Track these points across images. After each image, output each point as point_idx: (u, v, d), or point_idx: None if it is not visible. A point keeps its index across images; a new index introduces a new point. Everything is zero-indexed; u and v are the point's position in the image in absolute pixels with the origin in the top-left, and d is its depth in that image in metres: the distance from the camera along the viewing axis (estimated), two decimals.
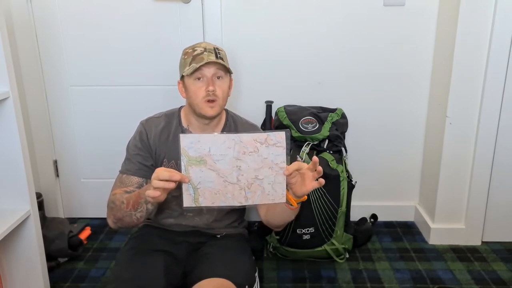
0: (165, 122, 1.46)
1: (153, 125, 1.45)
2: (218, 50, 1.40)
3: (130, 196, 1.28)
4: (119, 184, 1.40)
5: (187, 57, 1.37)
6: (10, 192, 1.46)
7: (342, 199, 1.84)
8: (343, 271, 1.83)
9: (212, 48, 1.38)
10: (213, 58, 1.34)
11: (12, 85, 1.38)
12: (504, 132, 1.89)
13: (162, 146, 1.43)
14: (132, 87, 2.10)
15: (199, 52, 1.36)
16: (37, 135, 2.14)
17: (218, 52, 1.38)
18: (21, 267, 1.54)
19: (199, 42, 1.43)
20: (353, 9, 1.98)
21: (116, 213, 1.30)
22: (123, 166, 1.43)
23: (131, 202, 1.26)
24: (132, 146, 1.43)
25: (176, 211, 1.46)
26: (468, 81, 1.85)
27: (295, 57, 2.04)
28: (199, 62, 1.33)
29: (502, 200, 1.99)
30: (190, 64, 1.35)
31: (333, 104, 2.06)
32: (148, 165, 1.42)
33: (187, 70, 1.34)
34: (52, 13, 2.00)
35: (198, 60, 1.34)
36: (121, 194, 1.33)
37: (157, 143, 1.43)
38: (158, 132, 1.44)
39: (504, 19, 1.75)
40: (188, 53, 1.38)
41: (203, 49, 1.36)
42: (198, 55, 1.35)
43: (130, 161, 1.42)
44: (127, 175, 1.40)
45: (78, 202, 2.27)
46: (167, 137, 1.44)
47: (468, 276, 1.80)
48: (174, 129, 1.45)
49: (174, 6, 1.99)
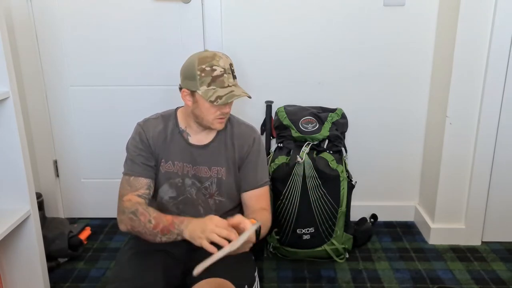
0: (162, 123, 1.45)
1: (151, 126, 1.44)
2: (231, 67, 1.37)
3: (160, 218, 1.28)
4: (129, 187, 1.38)
5: (204, 75, 1.32)
6: (10, 192, 1.46)
7: (342, 199, 1.84)
8: (343, 271, 1.83)
9: (229, 66, 1.35)
10: (231, 80, 1.34)
11: (12, 85, 1.38)
12: (504, 132, 1.90)
13: (160, 147, 1.42)
14: (132, 87, 2.10)
15: (219, 74, 1.32)
16: (37, 135, 2.14)
17: (233, 70, 1.37)
18: (21, 267, 1.54)
19: (213, 56, 1.35)
20: (353, 9, 1.98)
21: (138, 227, 1.29)
22: (127, 167, 1.41)
23: (160, 226, 1.27)
24: (133, 147, 1.42)
25: (173, 212, 1.45)
26: (468, 81, 1.85)
27: (295, 57, 2.04)
28: (220, 86, 1.32)
29: (502, 200, 1.99)
30: (208, 85, 1.32)
31: (333, 104, 2.06)
32: (151, 165, 1.41)
33: (208, 94, 1.31)
34: (52, 13, 2.00)
35: (219, 83, 1.32)
36: (144, 206, 1.32)
37: (155, 143, 1.42)
38: (156, 133, 1.43)
39: (504, 19, 1.75)
40: (205, 70, 1.32)
41: (223, 70, 1.33)
42: (218, 77, 1.32)
43: (133, 162, 1.40)
44: (135, 177, 1.38)
45: (78, 202, 2.27)
46: (165, 138, 1.43)
47: (468, 276, 1.80)
48: (171, 130, 1.44)
49: (174, 6, 1.99)
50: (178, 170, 1.43)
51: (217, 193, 1.45)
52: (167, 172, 1.43)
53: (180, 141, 1.43)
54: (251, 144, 1.46)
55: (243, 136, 1.47)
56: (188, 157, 1.43)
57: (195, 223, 1.23)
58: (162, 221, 1.27)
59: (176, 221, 1.26)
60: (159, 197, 1.45)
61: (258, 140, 1.48)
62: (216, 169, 1.44)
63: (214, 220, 1.20)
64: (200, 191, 1.44)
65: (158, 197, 1.46)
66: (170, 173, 1.43)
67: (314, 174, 1.79)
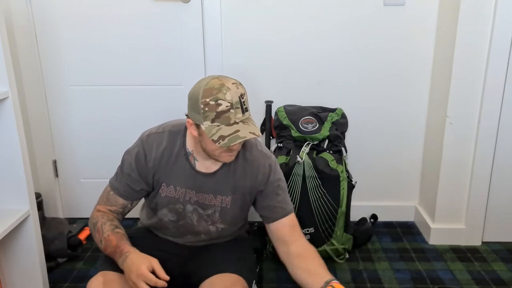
0: (168, 140, 1.31)
1: (155, 143, 1.31)
2: (242, 98, 1.18)
3: (109, 242, 1.25)
4: (106, 200, 1.35)
5: (208, 110, 1.15)
6: (9, 192, 1.46)
7: (342, 199, 1.83)
8: (343, 271, 1.83)
9: (238, 99, 1.16)
10: (240, 116, 1.17)
11: (11, 85, 1.38)
12: (504, 132, 1.89)
13: (162, 170, 1.31)
14: (132, 87, 2.10)
15: (225, 110, 1.15)
16: (36, 135, 2.14)
17: (243, 102, 1.18)
18: (21, 267, 1.54)
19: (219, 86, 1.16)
20: (353, 9, 1.98)
21: (94, 237, 1.31)
22: (113, 178, 1.36)
23: (108, 250, 1.26)
24: (127, 162, 1.32)
25: (174, 233, 1.41)
26: (468, 81, 1.84)
27: (295, 57, 2.04)
28: (224, 123, 1.15)
29: (502, 200, 1.99)
30: (212, 121, 1.16)
31: (333, 104, 2.05)
32: (136, 190, 1.33)
33: (213, 135, 1.15)
34: (51, 13, 2.00)
35: (224, 120, 1.15)
36: (102, 222, 1.29)
37: (156, 166, 1.31)
38: (159, 154, 1.30)
39: (504, 20, 1.74)
40: (209, 105, 1.15)
41: (229, 105, 1.15)
42: (223, 112, 1.15)
43: (120, 179, 1.33)
44: (114, 194, 1.34)
45: (78, 202, 2.27)
46: (168, 159, 1.31)
47: (468, 276, 1.80)
48: (177, 151, 1.31)
49: (173, 6, 1.99)
50: (180, 196, 1.33)
51: (220, 221, 1.37)
52: (167, 197, 1.33)
53: (185, 165, 1.31)
54: (267, 172, 1.33)
55: (256, 163, 1.33)
56: (192, 183, 1.32)
57: (129, 263, 1.19)
58: (109, 246, 1.25)
59: (117, 251, 1.23)
60: (159, 217, 1.38)
61: (274, 167, 1.35)
62: (221, 198, 1.34)
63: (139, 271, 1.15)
64: (202, 218, 1.36)
65: (158, 217, 1.39)
66: (170, 198, 1.33)
67: (314, 174, 1.79)
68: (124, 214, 1.38)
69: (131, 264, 1.17)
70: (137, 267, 1.15)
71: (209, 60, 2.04)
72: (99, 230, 1.28)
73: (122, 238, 1.26)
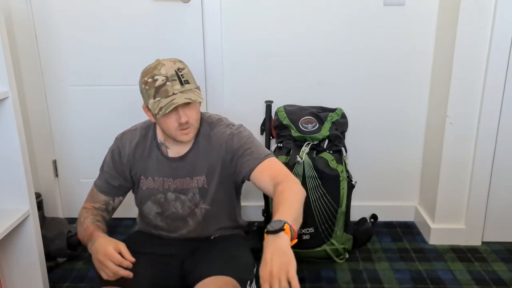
0: (140, 135, 1.39)
1: (128, 140, 1.39)
2: (180, 71, 1.24)
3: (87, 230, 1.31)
4: (90, 198, 1.44)
5: (148, 87, 1.24)
6: (9, 192, 1.46)
7: (342, 199, 1.84)
8: (343, 271, 1.83)
9: (174, 72, 1.23)
10: (178, 87, 1.22)
11: (11, 85, 1.38)
12: (504, 132, 1.89)
13: (138, 163, 1.38)
14: (132, 87, 2.09)
15: (161, 83, 1.22)
16: (36, 135, 2.14)
17: (182, 75, 1.24)
18: (21, 267, 1.54)
19: (156, 65, 1.26)
20: (353, 9, 1.98)
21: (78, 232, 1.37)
22: (97, 178, 1.45)
23: (84, 238, 1.32)
24: (105, 162, 1.43)
25: (163, 227, 1.43)
26: (468, 81, 1.84)
27: (295, 57, 2.04)
28: (163, 96, 1.21)
29: (502, 200, 1.99)
30: (154, 97, 1.22)
31: (333, 104, 2.05)
32: (115, 185, 1.41)
33: (153, 107, 1.22)
34: (51, 13, 2.00)
35: (162, 93, 1.21)
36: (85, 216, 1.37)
37: (131, 161, 1.38)
38: (132, 148, 1.38)
39: (504, 19, 1.74)
40: (148, 83, 1.24)
41: (165, 78, 1.22)
42: (161, 86, 1.22)
43: (100, 177, 1.43)
44: (96, 191, 1.43)
45: (77, 202, 2.24)
46: (142, 152, 1.38)
47: (468, 276, 1.80)
48: (149, 143, 1.38)
49: (173, 6, 1.99)
50: (159, 185, 1.38)
51: (202, 202, 1.39)
52: (148, 189, 1.39)
53: (158, 155, 1.37)
54: (231, 138, 1.33)
55: (220, 135, 1.35)
56: (167, 171, 1.36)
57: (96, 245, 1.22)
58: (86, 235, 1.31)
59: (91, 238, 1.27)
60: (145, 213, 1.43)
61: (236, 131, 1.35)
62: (196, 178, 1.36)
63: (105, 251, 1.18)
64: (185, 204, 1.39)
65: (144, 214, 1.44)
66: (151, 189, 1.39)
67: (314, 174, 1.79)
68: (109, 211, 1.44)
69: (98, 246, 1.21)
70: (104, 248, 1.19)
71: (209, 60, 2.04)
72: (82, 223, 1.35)
73: (99, 228, 1.32)
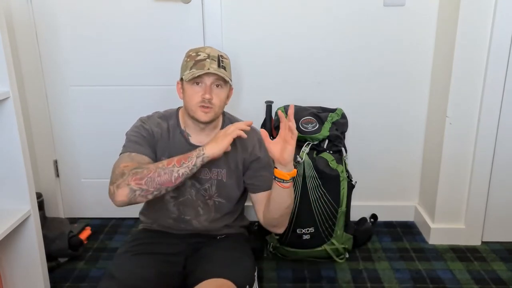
0: (163, 120, 1.44)
1: (153, 123, 1.43)
2: (222, 58, 1.37)
3: (171, 158, 1.27)
4: (129, 160, 1.31)
5: (189, 60, 1.36)
6: (10, 192, 1.46)
7: (342, 199, 1.84)
8: (343, 271, 1.83)
9: (216, 55, 1.36)
10: (215, 66, 1.32)
11: (12, 85, 1.38)
12: (504, 132, 1.89)
13: (161, 145, 1.41)
14: (132, 87, 2.10)
15: (202, 58, 1.34)
16: (37, 135, 2.14)
17: (222, 61, 1.36)
18: (22, 267, 1.54)
19: (204, 47, 1.40)
20: (353, 9, 1.98)
21: (147, 174, 1.22)
22: (127, 147, 1.36)
23: (175, 159, 1.26)
24: (135, 133, 1.39)
25: (174, 213, 1.46)
26: (468, 81, 1.84)
27: (295, 57, 2.04)
28: (200, 69, 1.31)
29: (502, 200, 1.99)
30: (190, 69, 1.33)
31: (333, 104, 2.06)
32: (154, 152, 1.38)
33: (186, 74, 1.33)
34: (52, 13, 2.00)
35: (199, 66, 1.32)
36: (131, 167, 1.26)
37: (157, 137, 1.41)
38: (158, 129, 1.41)
39: (504, 19, 1.74)
40: (191, 56, 1.37)
41: (207, 56, 1.34)
42: (200, 61, 1.33)
43: (136, 143, 1.36)
44: (137, 154, 1.33)
45: (78, 202, 2.27)
46: (167, 133, 1.42)
47: (468, 276, 1.80)
48: (172, 128, 1.43)
49: (174, 6, 1.99)
50: None
51: (217, 195, 1.44)
52: None
53: (181, 140, 1.42)
54: (257, 146, 1.45)
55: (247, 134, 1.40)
56: None
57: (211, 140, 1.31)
58: (174, 158, 1.27)
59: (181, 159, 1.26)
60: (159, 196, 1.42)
61: (261, 140, 1.41)
62: (216, 171, 1.42)
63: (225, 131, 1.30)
64: (199, 192, 1.43)
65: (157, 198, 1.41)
66: None
67: (314, 174, 1.79)
68: None
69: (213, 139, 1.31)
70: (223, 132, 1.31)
71: None
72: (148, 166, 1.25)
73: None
